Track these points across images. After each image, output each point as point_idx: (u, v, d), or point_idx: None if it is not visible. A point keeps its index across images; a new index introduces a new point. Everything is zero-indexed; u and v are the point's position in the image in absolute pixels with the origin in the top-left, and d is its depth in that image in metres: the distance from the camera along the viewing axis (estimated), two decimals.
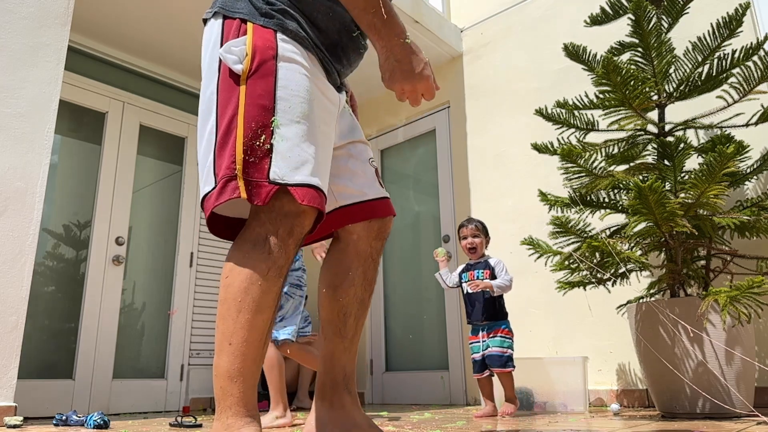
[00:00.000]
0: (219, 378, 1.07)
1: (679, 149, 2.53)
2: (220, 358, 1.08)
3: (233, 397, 1.07)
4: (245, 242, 1.12)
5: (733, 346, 2.36)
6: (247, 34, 1.19)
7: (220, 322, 1.09)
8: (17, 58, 2.87)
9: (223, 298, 1.10)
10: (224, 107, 1.15)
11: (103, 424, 2.55)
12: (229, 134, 1.12)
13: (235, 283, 1.09)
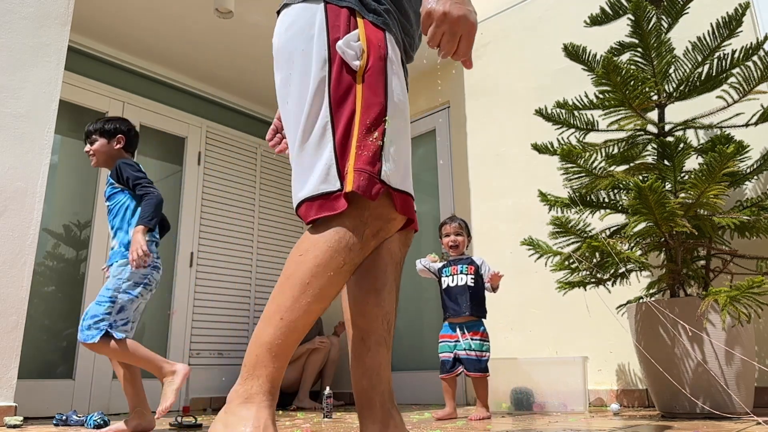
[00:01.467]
0: (257, 346, 1.06)
1: (679, 149, 2.53)
2: (267, 328, 1.06)
3: (265, 370, 1.06)
4: (330, 229, 1.08)
5: (733, 346, 2.36)
6: (360, 29, 1.15)
7: (279, 295, 1.07)
8: (17, 58, 2.87)
9: (290, 273, 1.07)
10: (339, 103, 1.11)
11: (103, 424, 2.56)
12: (349, 132, 1.10)
13: (308, 263, 1.06)
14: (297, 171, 1.14)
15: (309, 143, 1.12)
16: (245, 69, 4.75)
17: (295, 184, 1.14)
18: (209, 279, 4.62)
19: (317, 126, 1.11)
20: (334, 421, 2.87)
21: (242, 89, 5.08)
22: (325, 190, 1.08)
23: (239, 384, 1.07)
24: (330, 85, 1.12)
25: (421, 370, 4.33)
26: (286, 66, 1.18)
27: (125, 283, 2.31)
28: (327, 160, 1.09)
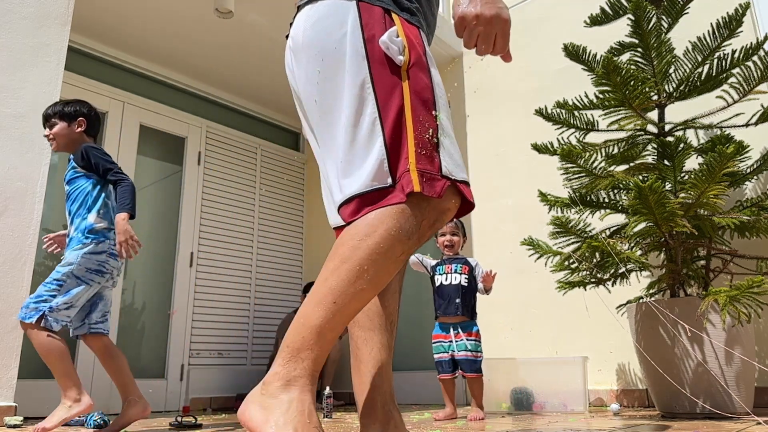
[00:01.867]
0: (305, 327, 1.02)
1: (679, 149, 2.53)
2: (317, 309, 1.03)
3: (310, 353, 1.02)
4: (390, 217, 1.05)
5: (733, 346, 2.36)
6: (398, 26, 1.14)
7: (334, 277, 1.03)
8: (17, 58, 2.87)
9: (347, 256, 1.04)
10: (386, 100, 1.10)
11: (103, 424, 2.55)
12: (401, 128, 1.09)
13: (367, 249, 1.03)
14: (341, 167, 1.11)
15: (355, 140, 1.10)
16: (245, 69, 4.75)
17: (342, 180, 1.11)
18: (209, 279, 4.62)
19: (364, 123, 1.10)
20: (334, 421, 2.87)
21: (242, 89, 5.08)
22: (378, 186, 1.07)
23: (280, 365, 1.02)
24: (373, 81, 1.11)
25: (421, 370, 4.33)
26: (314, 63, 1.17)
27: (77, 268, 2.25)
28: (378, 156, 1.08)
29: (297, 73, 1.22)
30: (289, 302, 5.18)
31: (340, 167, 1.12)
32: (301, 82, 1.21)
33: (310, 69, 1.18)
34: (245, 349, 4.76)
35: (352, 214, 1.08)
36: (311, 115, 1.20)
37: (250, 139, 5.21)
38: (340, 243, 1.07)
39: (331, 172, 1.16)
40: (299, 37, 1.20)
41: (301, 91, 1.22)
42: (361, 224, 1.06)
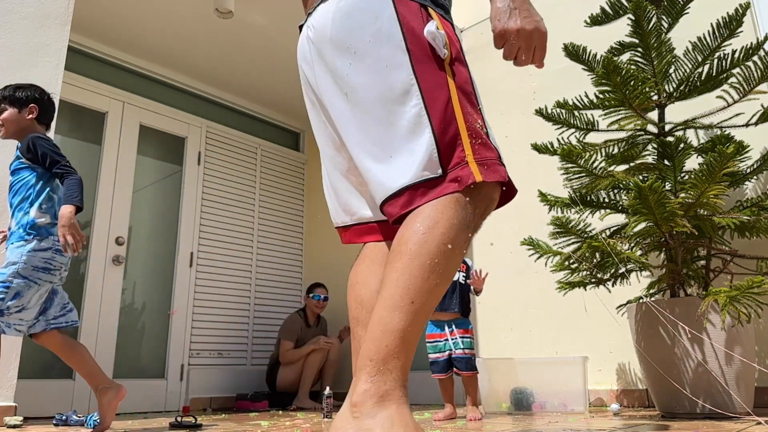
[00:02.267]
0: (387, 334, 0.96)
1: (679, 149, 2.53)
2: (396, 314, 0.97)
3: (398, 361, 0.96)
4: (451, 208, 1.04)
5: (733, 347, 2.36)
6: (436, 20, 1.15)
7: (406, 277, 0.99)
8: (17, 58, 2.87)
9: (415, 253, 1.00)
10: (431, 91, 1.10)
11: None
12: (451, 119, 1.09)
13: (435, 242, 1.00)
14: (383, 160, 1.10)
15: (398, 133, 1.09)
16: (245, 69, 4.75)
17: (386, 173, 1.09)
18: (209, 279, 4.62)
19: (407, 115, 1.09)
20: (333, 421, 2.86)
21: (242, 89, 5.08)
22: (429, 176, 1.06)
23: (367, 382, 0.95)
24: (416, 74, 1.11)
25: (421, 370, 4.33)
26: (345, 56, 1.15)
27: (23, 268, 2.13)
28: (427, 148, 1.07)
29: (319, 65, 1.21)
30: (289, 302, 5.18)
31: (382, 160, 1.10)
32: (325, 74, 1.20)
33: (339, 62, 1.16)
34: (245, 349, 4.76)
35: (403, 207, 1.07)
36: (337, 108, 1.19)
37: (250, 139, 5.21)
38: (402, 240, 1.03)
39: (365, 165, 1.13)
40: (326, 29, 1.18)
41: (325, 83, 1.20)
42: (420, 217, 1.03)
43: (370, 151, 1.13)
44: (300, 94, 5.53)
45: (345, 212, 1.33)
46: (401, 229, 1.05)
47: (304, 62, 1.28)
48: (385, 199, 1.10)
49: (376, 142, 1.12)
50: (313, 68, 1.24)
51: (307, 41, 1.25)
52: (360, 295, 1.28)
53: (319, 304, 4.56)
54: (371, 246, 1.33)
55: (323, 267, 5.24)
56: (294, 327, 4.46)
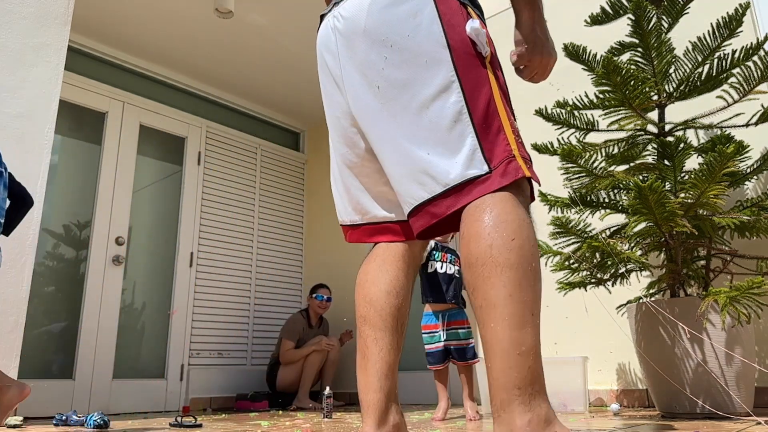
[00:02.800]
0: (526, 355, 0.91)
1: (679, 149, 2.53)
2: (525, 331, 0.93)
3: (541, 378, 0.92)
4: (518, 206, 1.03)
5: (733, 347, 2.36)
6: (475, 19, 1.15)
7: (517, 290, 0.94)
8: (17, 58, 2.87)
9: (515, 263, 0.96)
10: (472, 89, 1.09)
11: (103, 424, 2.56)
12: (494, 116, 1.08)
13: (527, 245, 0.98)
14: (423, 158, 1.08)
15: (439, 130, 1.08)
16: (245, 69, 4.75)
17: (428, 172, 1.07)
18: (209, 279, 4.62)
19: (447, 112, 1.08)
20: (334, 421, 2.87)
21: (242, 89, 5.08)
22: (474, 174, 1.04)
23: (526, 412, 0.89)
24: (457, 71, 1.10)
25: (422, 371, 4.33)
26: (380, 49, 1.14)
27: None
28: (471, 145, 1.06)
29: (347, 57, 1.19)
30: (289, 302, 5.18)
31: (419, 159, 1.08)
32: (354, 66, 1.18)
33: (373, 55, 1.14)
34: (245, 349, 4.76)
35: (450, 206, 1.06)
36: (364, 102, 1.17)
37: (250, 139, 5.21)
38: (485, 248, 0.98)
39: (397, 164, 1.12)
40: (360, 20, 1.16)
41: (352, 76, 1.18)
42: (495, 221, 1.00)
43: (405, 149, 1.10)
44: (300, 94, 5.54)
45: (355, 211, 1.31)
46: (472, 234, 1.01)
47: (327, 52, 1.25)
48: (428, 200, 1.07)
49: (413, 139, 1.10)
50: (338, 59, 1.21)
51: (332, 31, 1.22)
52: (369, 294, 1.26)
53: (322, 304, 4.56)
54: (383, 246, 1.31)
55: (323, 267, 5.24)
56: (296, 327, 4.46)
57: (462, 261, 1.03)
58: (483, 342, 0.96)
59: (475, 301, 0.99)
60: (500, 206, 1.01)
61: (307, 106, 5.38)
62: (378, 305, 1.24)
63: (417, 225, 1.14)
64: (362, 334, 1.26)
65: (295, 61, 4.64)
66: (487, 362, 0.96)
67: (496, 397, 0.92)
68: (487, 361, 0.95)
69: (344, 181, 1.31)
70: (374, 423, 1.18)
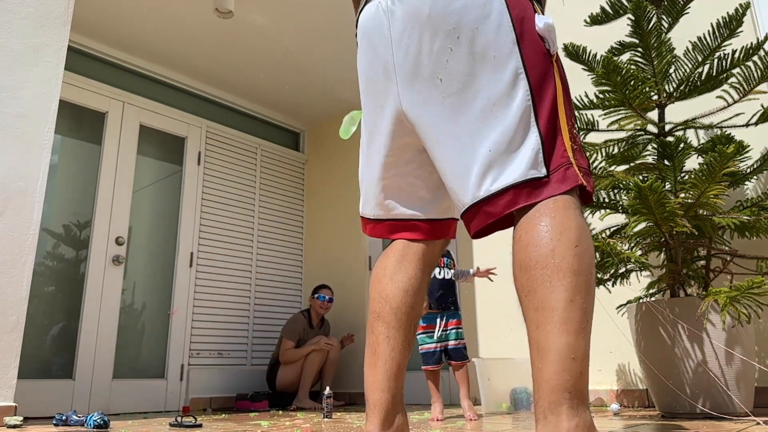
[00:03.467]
0: (580, 361, 0.91)
1: (679, 149, 2.53)
2: (581, 338, 0.92)
3: (588, 388, 0.92)
4: (579, 213, 1.01)
5: (733, 346, 2.36)
6: (545, 15, 1.11)
7: (578, 296, 0.94)
8: (17, 58, 2.87)
9: (578, 269, 0.95)
10: (539, 88, 1.05)
11: (103, 424, 2.56)
12: (555, 118, 1.05)
13: (588, 254, 0.97)
14: (485, 155, 1.04)
15: (503, 127, 1.04)
16: (245, 69, 4.75)
17: (489, 170, 1.04)
18: (209, 279, 4.62)
19: (513, 109, 1.04)
20: (334, 421, 2.87)
21: (242, 89, 5.08)
22: (535, 176, 1.01)
23: (574, 417, 0.89)
24: (526, 68, 1.06)
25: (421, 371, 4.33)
26: (446, 39, 1.08)
27: None
28: (534, 146, 1.02)
29: (403, 44, 1.13)
30: (289, 302, 5.18)
31: (478, 154, 1.05)
32: (412, 55, 1.12)
33: (437, 45, 1.09)
34: (245, 349, 4.76)
35: (506, 207, 1.03)
36: (425, 95, 1.12)
37: (250, 139, 5.21)
38: (547, 251, 0.96)
39: (453, 158, 1.08)
40: (423, 8, 1.10)
41: (409, 65, 1.13)
42: (571, 227, 0.98)
43: (465, 144, 1.07)
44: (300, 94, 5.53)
45: (380, 206, 1.27)
46: (531, 238, 0.99)
47: (377, 36, 1.18)
48: (485, 198, 1.05)
49: (474, 135, 1.06)
50: (391, 45, 1.15)
51: (385, 14, 1.15)
52: (385, 291, 1.23)
53: (324, 304, 4.56)
54: (403, 242, 1.28)
55: (323, 267, 5.24)
56: (296, 327, 4.46)
57: (517, 263, 1.01)
58: (534, 343, 0.95)
59: (530, 303, 0.97)
60: (563, 212, 0.99)
61: (307, 106, 5.38)
62: (394, 303, 1.21)
63: (473, 225, 1.11)
64: (374, 331, 1.23)
65: (295, 61, 4.64)
66: (536, 363, 0.94)
67: (544, 399, 0.91)
68: (537, 363, 0.94)
69: (376, 173, 1.26)
70: (379, 423, 1.17)
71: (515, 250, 1.02)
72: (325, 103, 5.28)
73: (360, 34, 1.24)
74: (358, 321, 4.80)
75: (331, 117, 5.56)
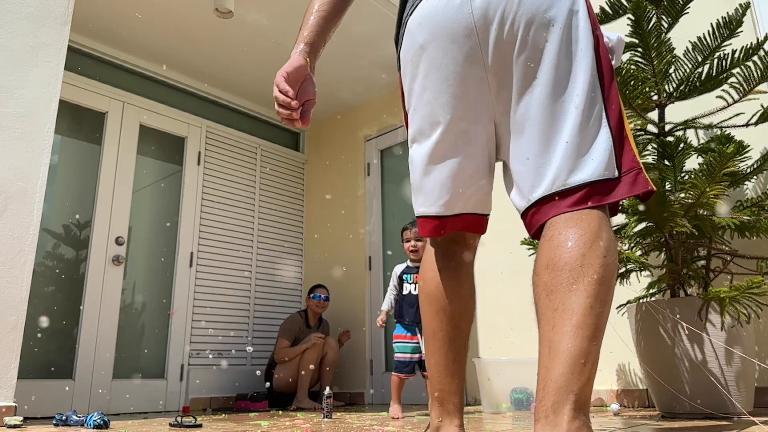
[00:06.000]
0: (590, 366, 0.94)
1: (679, 149, 2.53)
2: (593, 345, 0.96)
3: (590, 395, 0.96)
4: (609, 225, 1.03)
5: (733, 346, 2.36)
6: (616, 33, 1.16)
7: (597, 304, 0.96)
8: (17, 58, 2.87)
9: (601, 278, 0.97)
10: (608, 93, 1.08)
11: (103, 424, 2.56)
12: (623, 125, 1.08)
13: (612, 266, 0.99)
14: (567, 149, 1.04)
15: (586, 124, 1.05)
16: (245, 69, 4.75)
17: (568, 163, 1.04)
18: (209, 279, 4.62)
19: (594, 109, 1.06)
20: (333, 421, 2.87)
21: (242, 89, 5.08)
22: (608, 177, 1.03)
23: (572, 418, 0.90)
24: (599, 71, 1.08)
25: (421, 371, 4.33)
26: (542, 29, 1.09)
27: None
28: (607, 146, 1.04)
29: (492, 31, 1.10)
30: (289, 302, 5.18)
31: (566, 149, 1.04)
32: (503, 42, 1.10)
33: (533, 33, 1.08)
34: (245, 350, 4.76)
35: (576, 204, 1.03)
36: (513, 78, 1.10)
37: (250, 139, 5.21)
38: (578, 257, 0.98)
39: (534, 149, 1.07)
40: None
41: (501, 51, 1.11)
42: (603, 239, 0.99)
43: (545, 134, 1.07)
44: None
45: (451, 202, 1.24)
46: (564, 239, 1.01)
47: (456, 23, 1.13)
48: (558, 191, 1.04)
49: (554, 123, 1.06)
50: (475, 32, 1.11)
51: (467, 3, 1.12)
52: (465, 305, 1.26)
53: (320, 303, 4.55)
54: (446, 251, 1.28)
55: (323, 267, 5.24)
56: (292, 326, 4.46)
57: (543, 261, 1.03)
58: (546, 342, 0.97)
59: (549, 303, 1.00)
60: (597, 221, 1.01)
61: None
62: (452, 320, 1.24)
63: (538, 217, 1.10)
64: (456, 342, 1.25)
65: None
66: (545, 363, 0.95)
67: (548, 398, 0.92)
68: (547, 362, 0.95)
69: (445, 168, 1.21)
70: (460, 423, 1.23)
71: (544, 248, 1.04)
72: (325, 103, 5.28)
73: (424, 21, 1.18)
74: (358, 321, 4.80)
75: (331, 117, 5.56)
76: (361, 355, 4.75)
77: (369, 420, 2.86)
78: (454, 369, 1.23)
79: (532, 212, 1.10)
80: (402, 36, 1.25)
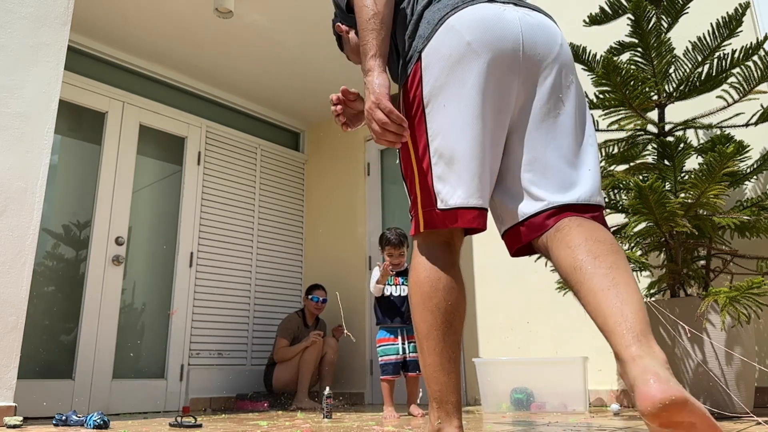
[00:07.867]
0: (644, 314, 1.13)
1: (679, 149, 2.53)
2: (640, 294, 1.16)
3: None
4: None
5: (733, 347, 2.36)
6: None
7: (629, 271, 1.18)
8: (17, 58, 2.87)
9: (624, 258, 1.18)
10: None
11: (103, 424, 2.56)
12: None
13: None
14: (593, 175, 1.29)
15: (596, 157, 1.32)
16: (245, 69, 4.75)
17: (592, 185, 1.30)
18: (209, 279, 4.62)
19: (594, 141, 1.33)
20: (333, 421, 2.87)
21: (242, 89, 5.08)
22: (601, 203, 1.33)
23: (654, 342, 1.10)
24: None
25: None
26: (569, 70, 1.32)
27: None
28: (598, 179, 1.33)
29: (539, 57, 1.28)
30: (289, 302, 5.18)
31: (590, 176, 1.30)
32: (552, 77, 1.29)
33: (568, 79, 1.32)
34: (245, 349, 4.76)
35: (596, 218, 1.28)
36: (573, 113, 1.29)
37: (249, 139, 5.21)
38: (614, 243, 1.18)
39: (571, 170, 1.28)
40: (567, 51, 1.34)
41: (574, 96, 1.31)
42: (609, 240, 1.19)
43: (571, 160, 1.29)
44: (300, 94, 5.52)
45: (483, 197, 1.29)
46: (602, 229, 1.22)
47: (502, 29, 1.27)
48: (583, 204, 1.27)
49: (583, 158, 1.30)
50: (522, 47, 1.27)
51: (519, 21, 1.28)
52: (456, 300, 1.28)
53: (318, 305, 4.55)
54: (443, 248, 1.33)
55: (323, 267, 5.24)
56: (290, 326, 4.46)
57: (583, 236, 1.18)
58: (611, 289, 1.11)
59: (602, 263, 1.13)
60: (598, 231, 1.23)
61: (307, 106, 5.38)
62: (461, 310, 1.30)
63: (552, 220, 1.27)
64: (447, 339, 1.27)
65: (295, 61, 4.64)
66: (615, 304, 1.11)
67: (633, 329, 1.09)
68: (618, 304, 1.11)
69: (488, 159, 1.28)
70: (459, 422, 1.26)
71: (576, 230, 1.19)
72: (325, 103, 5.28)
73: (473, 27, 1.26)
74: (358, 321, 4.80)
75: (330, 117, 5.56)
76: (361, 355, 4.75)
77: (369, 420, 2.86)
78: (450, 368, 1.25)
79: (549, 213, 1.25)
80: (433, 31, 1.29)
